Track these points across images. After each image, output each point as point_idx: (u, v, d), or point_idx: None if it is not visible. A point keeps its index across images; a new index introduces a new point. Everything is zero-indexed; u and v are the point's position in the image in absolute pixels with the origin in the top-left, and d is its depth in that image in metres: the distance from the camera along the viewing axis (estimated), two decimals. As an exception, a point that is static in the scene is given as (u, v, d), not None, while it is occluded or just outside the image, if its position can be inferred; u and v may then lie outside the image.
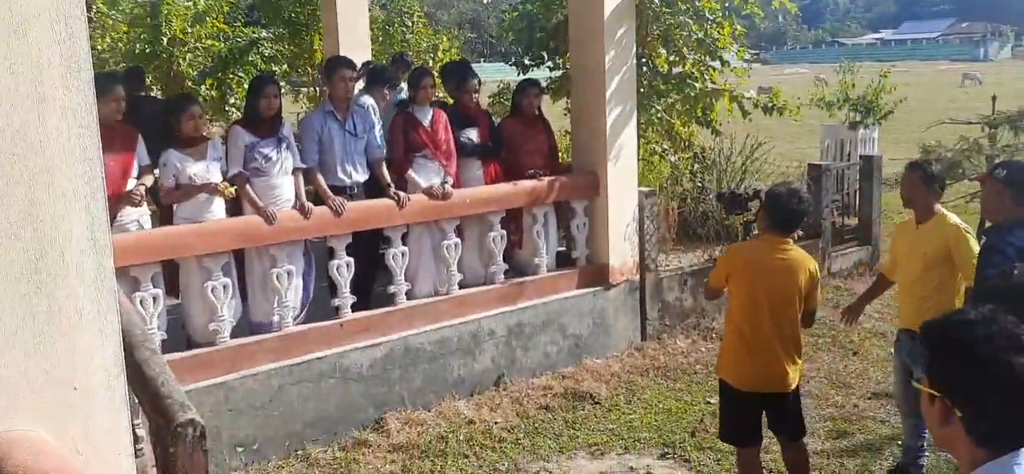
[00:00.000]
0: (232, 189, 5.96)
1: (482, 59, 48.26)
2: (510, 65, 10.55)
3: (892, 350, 7.63)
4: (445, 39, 16.40)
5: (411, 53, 13.71)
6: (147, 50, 13.21)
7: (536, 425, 6.25)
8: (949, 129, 16.58)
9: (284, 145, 6.28)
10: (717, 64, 9.51)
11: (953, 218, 5.06)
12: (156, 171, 6.09)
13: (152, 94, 11.55)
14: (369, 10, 11.25)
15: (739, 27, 9.58)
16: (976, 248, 4.71)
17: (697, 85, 9.29)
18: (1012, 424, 1.73)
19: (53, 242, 1.60)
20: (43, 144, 1.56)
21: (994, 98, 17.08)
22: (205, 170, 5.95)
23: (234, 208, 6.21)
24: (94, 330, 1.74)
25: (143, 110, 7.83)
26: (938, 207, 5.12)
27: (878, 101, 13.42)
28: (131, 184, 5.88)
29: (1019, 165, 4.55)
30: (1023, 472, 1.72)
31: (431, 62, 14.76)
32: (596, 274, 7.65)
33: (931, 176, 5.12)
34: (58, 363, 1.68)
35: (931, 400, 1.81)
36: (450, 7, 68.82)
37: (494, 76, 17.38)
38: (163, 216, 6.20)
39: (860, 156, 11.21)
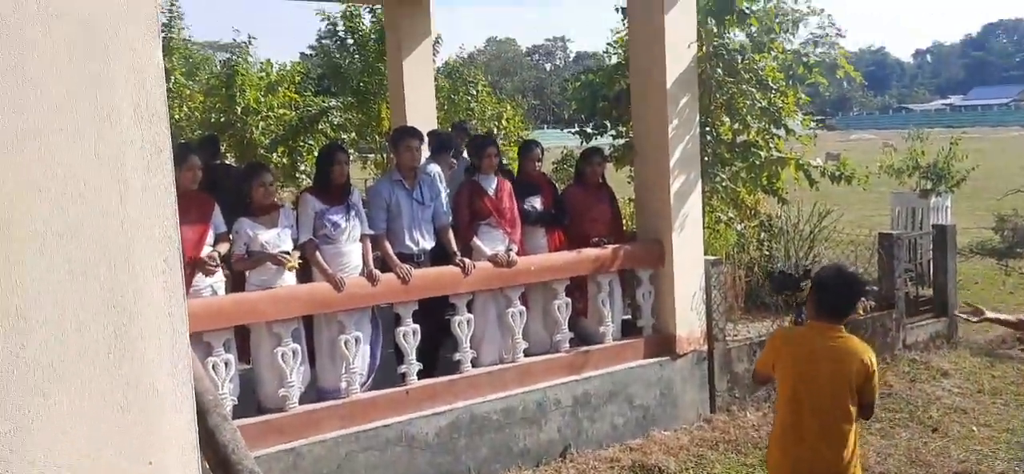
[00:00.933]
0: (297, 262, 6.07)
1: (545, 126, 48.69)
2: (573, 133, 10.62)
3: (973, 428, 7.39)
4: (509, 107, 16.62)
5: (476, 121, 13.91)
6: (222, 119, 13.65)
7: (602, 498, 6.14)
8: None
9: (353, 212, 6.39)
10: (781, 132, 9.43)
11: None
12: (231, 238, 6.24)
13: (227, 162, 11.89)
14: (435, 80, 11.48)
15: (803, 96, 9.50)
16: None
17: (762, 153, 9.21)
18: None
19: (132, 320, 1.63)
20: (124, 226, 1.60)
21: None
22: (276, 237, 6.08)
23: (303, 275, 6.32)
24: (169, 405, 1.77)
25: (219, 178, 8.06)
26: None
27: (949, 168, 13.14)
28: (206, 251, 6.03)
29: None
30: None
31: (496, 130, 14.94)
32: (663, 344, 7.55)
33: None
34: (134, 439, 1.71)
35: None
36: (514, 74, 69.80)
37: (557, 143, 17.54)
38: (235, 282, 6.34)
39: (933, 225, 10.94)
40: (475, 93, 15.68)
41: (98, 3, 1.51)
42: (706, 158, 8.49)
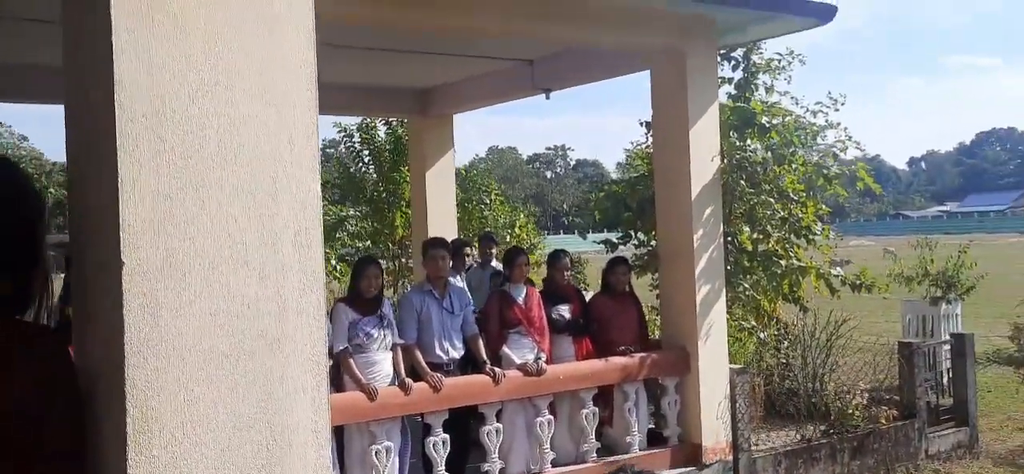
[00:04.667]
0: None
1: (546, 232, 49.08)
2: (598, 242, 10.78)
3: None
4: (522, 215, 16.83)
5: (491, 228, 14.09)
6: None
7: None
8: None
9: (384, 322, 6.46)
10: (801, 241, 9.58)
11: None
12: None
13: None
14: (453, 189, 11.70)
15: (824, 206, 9.69)
16: None
17: (783, 262, 9.34)
18: None
19: (282, 433, 1.70)
20: (280, 342, 1.69)
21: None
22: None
23: (334, 384, 6.35)
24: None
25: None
26: None
27: (959, 276, 13.25)
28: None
29: None
30: None
31: (509, 237, 15.12)
32: (689, 454, 7.54)
33: None
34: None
35: None
36: (515, 182, 70.68)
37: (571, 249, 17.69)
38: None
39: (951, 334, 10.98)
40: (488, 201, 15.92)
41: (269, 143, 1.63)
42: (728, 267, 8.61)
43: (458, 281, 7.76)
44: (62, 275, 7.10)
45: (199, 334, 1.53)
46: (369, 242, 14.82)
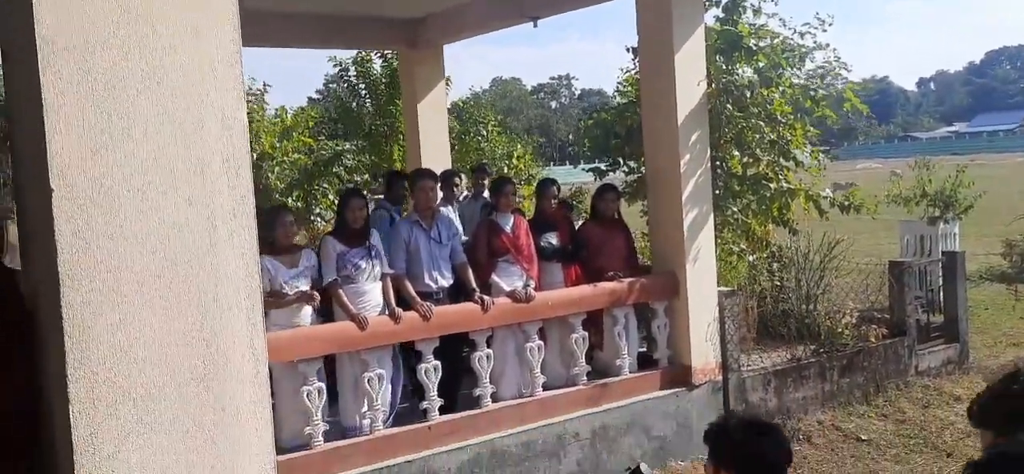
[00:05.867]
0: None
1: (552, 163, 49.01)
2: (583, 169, 10.83)
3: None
4: (519, 146, 16.85)
5: (486, 160, 14.12)
6: (237, 165, 13.85)
7: (624, 528, 6.24)
8: (1033, 222, 16.25)
9: (373, 253, 6.55)
10: (791, 164, 9.61)
11: None
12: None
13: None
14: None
15: (811, 129, 9.69)
16: None
17: (772, 185, 9.38)
18: None
19: (219, 349, 1.80)
20: (213, 264, 1.77)
21: (1077, 189, 16.72)
22: (296, 277, 6.25)
23: (324, 315, 6.48)
24: (251, 427, 1.93)
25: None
26: None
27: (957, 196, 13.29)
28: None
29: None
30: None
31: (507, 169, 15.16)
32: (678, 375, 7.67)
33: None
34: (222, 457, 1.86)
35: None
36: (520, 113, 70.32)
37: (566, 180, 17.73)
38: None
39: (942, 252, 11.06)
40: (486, 133, 15.92)
41: (193, 72, 1.69)
42: (717, 191, 8.66)
43: (448, 212, 7.85)
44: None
45: (131, 257, 1.61)
46: (367, 176, 14.88)
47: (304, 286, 6.27)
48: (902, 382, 9.08)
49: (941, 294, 10.48)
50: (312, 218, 14.14)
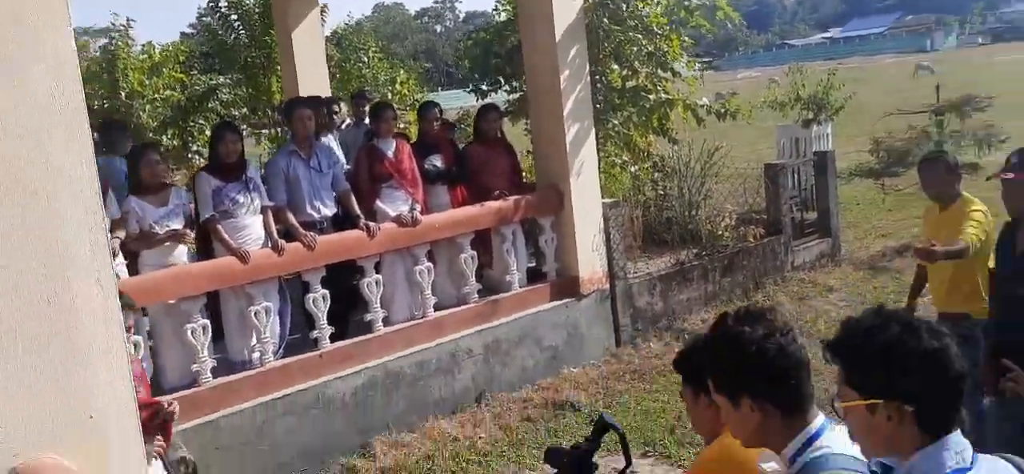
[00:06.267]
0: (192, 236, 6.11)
1: (439, 88, 48.51)
2: (467, 92, 10.77)
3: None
4: (402, 72, 16.58)
5: (369, 87, 13.86)
6: (105, 105, 13.22)
7: (519, 436, 6.39)
8: (900, 119, 17.07)
9: (251, 186, 6.40)
10: (669, 75, 9.79)
11: (977, 204, 5.05)
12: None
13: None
14: (325, 49, 11.43)
15: (687, 39, 9.87)
16: (981, 231, 4.78)
17: (651, 97, 9.55)
18: (946, 407, 1.89)
19: (64, 284, 1.74)
20: (49, 196, 1.70)
21: (938, 87, 17.63)
22: (165, 216, 6.07)
23: (205, 252, 6.34)
24: (104, 364, 1.89)
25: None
26: (961, 190, 5.25)
27: (828, 98, 13.85)
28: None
29: None
30: (952, 452, 1.88)
31: (391, 95, 14.93)
32: (567, 286, 7.83)
33: (951, 164, 5.28)
34: (75, 393, 1.82)
35: (872, 410, 1.90)
36: (404, 39, 69.11)
37: (452, 104, 17.61)
38: (129, 263, 6.29)
39: (814, 152, 11.52)
40: (367, 60, 15.59)
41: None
42: (598, 105, 8.77)
43: (328, 140, 7.72)
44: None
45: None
46: (245, 110, 14.42)
47: (176, 225, 6.09)
48: (779, 277, 9.51)
49: (814, 193, 10.96)
50: (190, 156, 13.64)
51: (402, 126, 11.42)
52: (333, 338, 6.56)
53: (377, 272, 6.87)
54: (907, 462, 1.91)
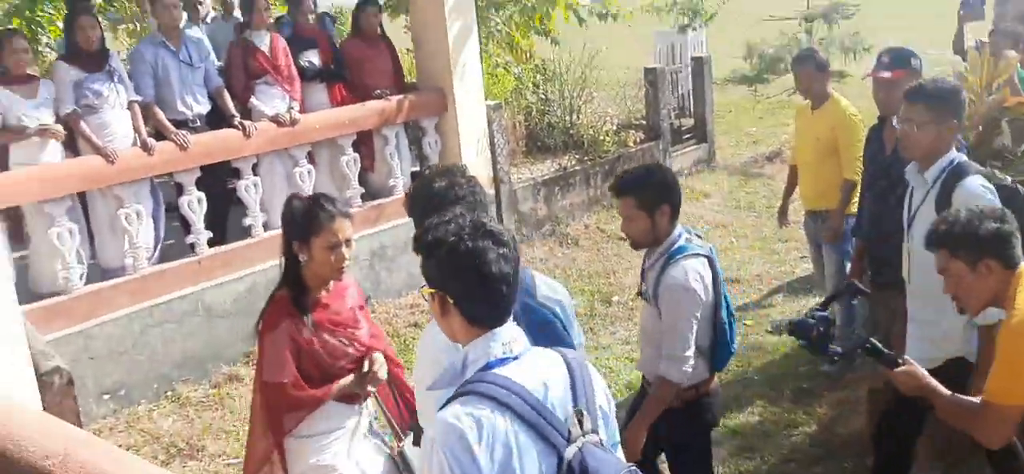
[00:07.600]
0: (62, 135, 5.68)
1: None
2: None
3: (733, 239, 8.20)
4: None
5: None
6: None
7: (407, 342, 6.34)
8: (772, 27, 17.51)
9: (115, 78, 5.98)
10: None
11: (845, 103, 5.24)
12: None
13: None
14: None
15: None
16: (860, 140, 4.88)
17: (533, -5, 9.43)
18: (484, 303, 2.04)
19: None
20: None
21: (807, -5, 18.14)
22: (36, 109, 5.61)
23: (70, 150, 5.91)
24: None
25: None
26: (832, 91, 5.39)
27: (702, 4, 14.01)
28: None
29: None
30: (498, 343, 2.03)
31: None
32: (452, 190, 7.72)
33: (821, 62, 5.40)
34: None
35: (433, 298, 2.09)
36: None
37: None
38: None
39: (691, 58, 11.67)
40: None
41: None
42: (480, 3, 8.57)
43: (196, 32, 7.23)
44: None
45: None
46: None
47: (47, 118, 5.63)
48: (658, 182, 9.66)
49: (691, 99, 11.14)
50: (40, 49, 12.61)
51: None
52: (211, 243, 6.28)
53: (255, 174, 6.59)
54: (464, 350, 2.09)
